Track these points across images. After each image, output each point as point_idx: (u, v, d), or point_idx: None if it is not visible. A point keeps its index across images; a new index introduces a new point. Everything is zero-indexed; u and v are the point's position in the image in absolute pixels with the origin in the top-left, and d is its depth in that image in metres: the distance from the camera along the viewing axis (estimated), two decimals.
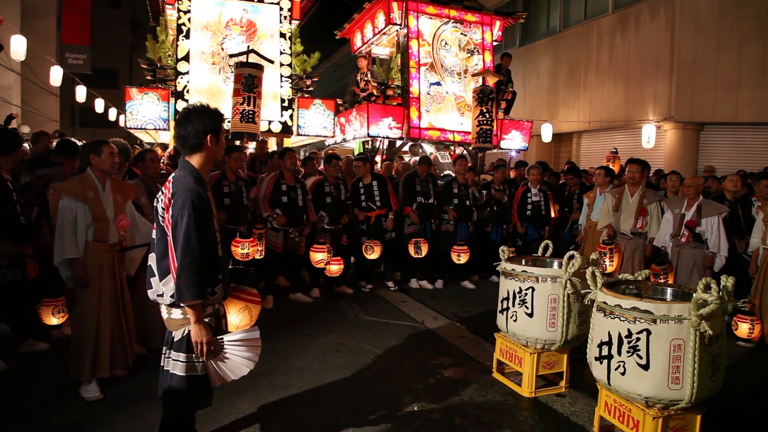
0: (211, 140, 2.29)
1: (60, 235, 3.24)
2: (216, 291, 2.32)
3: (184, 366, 2.29)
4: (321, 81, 11.96)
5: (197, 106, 2.33)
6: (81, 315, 3.33)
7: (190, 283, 2.15)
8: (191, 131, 2.27)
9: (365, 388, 3.60)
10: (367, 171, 6.28)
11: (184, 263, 2.14)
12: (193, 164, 2.30)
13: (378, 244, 5.96)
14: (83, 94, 13.90)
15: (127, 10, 26.62)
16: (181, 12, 8.78)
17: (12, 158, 3.91)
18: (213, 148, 2.32)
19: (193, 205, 2.18)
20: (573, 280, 3.32)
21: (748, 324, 4.67)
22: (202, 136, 2.27)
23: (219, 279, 2.33)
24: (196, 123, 2.26)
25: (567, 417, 3.26)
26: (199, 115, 2.27)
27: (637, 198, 5.33)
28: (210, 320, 2.34)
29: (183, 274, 2.14)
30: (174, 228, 2.17)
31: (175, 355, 2.30)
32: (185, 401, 2.36)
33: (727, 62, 10.84)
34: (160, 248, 2.27)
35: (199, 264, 2.17)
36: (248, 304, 2.59)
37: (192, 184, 2.23)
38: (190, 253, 2.15)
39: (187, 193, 2.18)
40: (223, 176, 5.26)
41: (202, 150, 2.29)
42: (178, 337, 2.31)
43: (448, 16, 9.85)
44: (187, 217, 2.15)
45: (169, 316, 2.32)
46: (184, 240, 2.14)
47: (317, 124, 9.48)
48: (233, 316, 2.57)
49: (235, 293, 2.57)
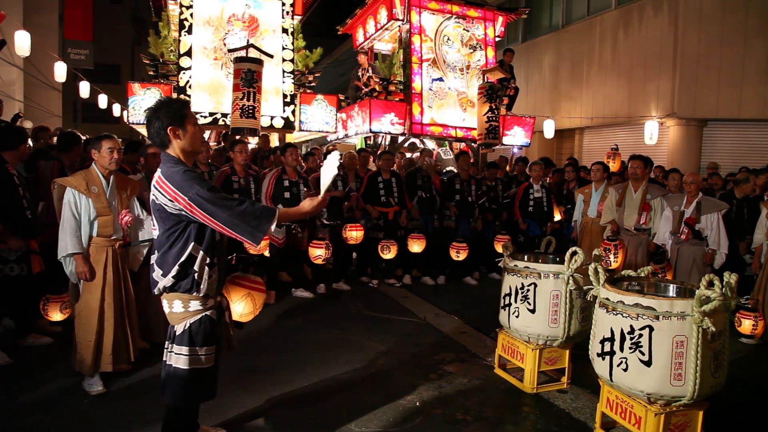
0: (173, 131, 2.28)
1: (64, 230, 3.24)
2: (212, 274, 2.32)
3: (187, 359, 2.30)
4: (323, 76, 11.94)
5: (155, 104, 2.34)
6: (84, 310, 3.34)
7: (254, 230, 2.16)
8: (153, 131, 2.30)
9: (367, 383, 3.61)
10: (390, 166, 6.28)
11: (239, 219, 2.14)
12: (173, 155, 2.31)
13: (394, 243, 5.93)
14: (86, 89, 13.88)
15: (129, 6, 26.59)
16: (183, 7, 8.76)
17: (17, 153, 3.93)
18: (181, 138, 2.30)
19: (199, 177, 2.22)
20: (575, 276, 3.32)
21: (752, 320, 4.66)
22: (163, 132, 2.28)
23: (214, 262, 2.33)
24: (154, 121, 2.28)
25: (569, 413, 3.27)
26: (156, 111, 2.29)
27: (641, 194, 5.31)
28: (212, 313, 2.35)
29: (245, 224, 2.15)
30: (201, 207, 2.14)
31: (178, 349, 2.31)
32: (189, 394, 2.37)
33: (731, 58, 10.77)
34: (161, 242, 2.27)
35: (246, 208, 2.16)
36: (251, 292, 2.56)
37: (181, 166, 2.25)
38: (233, 208, 2.15)
39: (185, 173, 2.20)
40: (233, 172, 5.27)
41: (169, 144, 2.30)
42: (180, 331, 2.31)
43: (451, 11, 9.81)
44: (206, 188, 2.16)
45: (171, 310, 2.33)
46: (220, 205, 2.14)
47: (319, 120, 9.46)
48: (236, 305, 2.55)
49: (237, 280, 2.56)
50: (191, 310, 2.30)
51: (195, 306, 2.31)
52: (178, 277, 2.25)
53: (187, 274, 2.26)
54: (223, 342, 2.46)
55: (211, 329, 2.35)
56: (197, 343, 2.31)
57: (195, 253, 2.26)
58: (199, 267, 2.26)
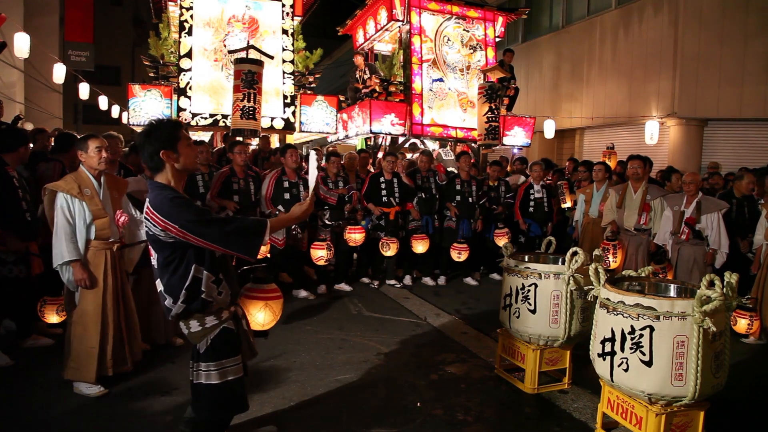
0: (167, 155, 2.25)
1: (58, 237, 3.14)
2: (221, 291, 2.30)
3: (217, 374, 2.28)
4: (323, 77, 11.95)
5: (145, 128, 2.32)
6: (84, 317, 3.25)
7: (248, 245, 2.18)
8: (146, 155, 2.27)
9: (367, 384, 3.61)
10: (392, 167, 6.30)
11: (232, 238, 2.16)
12: (161, 182, 2.27)
13: (395, 241, 5.98)
14: (86, 91, 13.90)
15: (130, 7, 26.60)
16: (183, 9, 8.78)
17: (18, 155, 3.92)
18: (175, 161, 2.28)
19: (186, 203, 2.19)
20: (576, 276, 3.31)
21: (747, 320, 4.65)
22: (156, 156, 2.25)
23: (221, 278, 2.31)
24: (147, 145, 2.25)
25: (570, 413, 3.27)
26: (148, 137, 2.26)
27: (641, 194, 5.31)
28: (229, 324, 2.33)
29: (238, 241, 2.17)
30: (192, 233, 2.13)
31: (206, 366, 2.29)
32: (227, 407, 2.38)
33: (731, 58, 10.77)
34: (163, 269, 2.24)
35: (237, 225, 2.17)
36: (267, 302, 2.55)
37: (167, 192, 2.21)
38: (223, 228, 2.15)
39: (172, 201, 2.17)
40: (232, 173, 5.26)
41: (163, 168, 2.27)
42: (204, 349, 2.30)
43: (451, 12, 9.82)
44: (194, 213, 2.15)
45: (189, 331, 2.30)
46: (210, 227, 2.14)
47: (320, 121, 9.48)
48: (256, 315, 2.54)
49: (251, 293, 2.54)
50: (208, 326, 2.28)
51: (211, 321, 2.29)
52: (188, 301, 2.23)
53: (197, 297, 2.24)
54: (245, 350, 2.45)
55: (233, 340, 2.35)
56: (223, 356, 2.30)
57: (199, 274, 2.23)
58: (206, 287, 2.24)
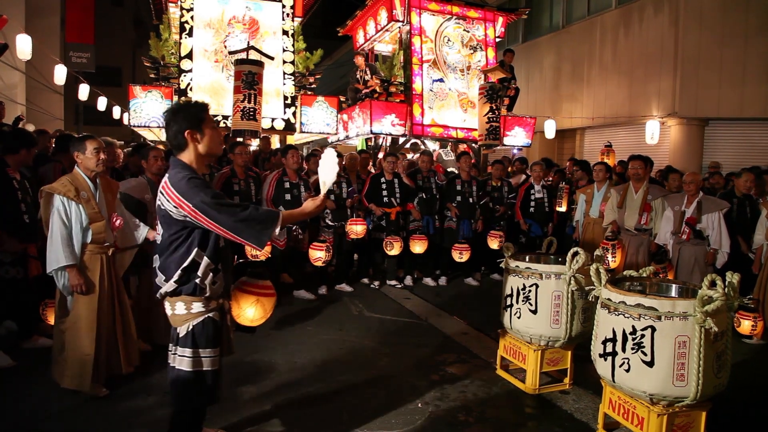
0: (191, 135, 2.28)
1: (54, 241, 3.07)
2: (216, 281, 2.31)
3: (190, 361, 2.29)
4: (324, 78, 11.96)
5: (174, 106, 2.36)
6: (78, 323, 3.18)
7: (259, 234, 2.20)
8: (171, 133, 2.30)
9: (368, 384, 3.61)
10: (393, 168, 6.30)
11: (243, 225, 2.17)
12: (184, 161, 2.31)
13: (398, 240, 6.00)
14: (86, 92, 13.90)
15: (131, 9, 26.64)
16: (184, 10, 8.79)
17: (19, 157, 3.92)
18: (199, 142, 2.31)
19: (204, 185, 2.22)
20: (577, 276, 3.31)
21: (751, 321, 4.65)
22: (181, 135, 2.28)
23: (219, 269, 2.33)
24: (173, 124, 2.29)
25: (571, 414, 3.26)
26: (175, 115, 2.30)
27: (641, 194, 5.30)
28: (215, 315, 2.34)
29: (249, 229, 2.18)
30: (205, 214, 2.15)
31: (181, 351, 2.30)
32: (192, 396, 2.36)
33: (732, 57, 10.75)
34: (164, 246, 2.27)
35: (251, 213, 2.19)
36: (259, 298, 2.52)
37: (187, 172, 2.25)
38: (237, 214, 2.17)
39: (190, 181, 2.20)
40: (233, 174, 5.26)
41: (186, 147, 2.31)
42: (183, 333, 2.30)
43: (451, 12, 9.81)
44: (210, 196, 2.17)
45: (173, 312, 2.32)
46: (224, 211, 2.16)
47: (320, 121, 9.48)
48: (246, 310, 2.51)
49: (245, 287, 2.53)
50: (194, 311, 2.29)
51: (198, 308, 2.30)
52: (181, 282, 2.25)
53: (190, 280, 2.25)
54: (224, 345, 2.46)
55: (214, 332, 2.35)
56: (200, 345, 2.30)
57: (198, 259, 2.25)
58: (203, 273, 2.26)
